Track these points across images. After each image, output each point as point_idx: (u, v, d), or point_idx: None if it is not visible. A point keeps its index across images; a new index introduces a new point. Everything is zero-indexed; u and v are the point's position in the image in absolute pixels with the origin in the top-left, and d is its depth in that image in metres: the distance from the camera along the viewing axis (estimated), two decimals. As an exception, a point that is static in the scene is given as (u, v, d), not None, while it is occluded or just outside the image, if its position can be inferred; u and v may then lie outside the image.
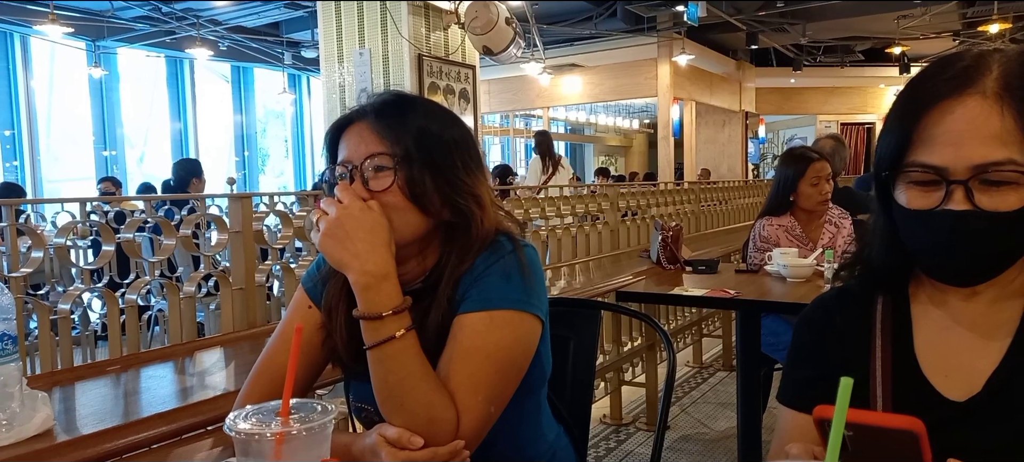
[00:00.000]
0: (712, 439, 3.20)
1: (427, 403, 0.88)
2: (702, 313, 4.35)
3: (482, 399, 0.91)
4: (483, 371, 0.92)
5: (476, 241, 0.98)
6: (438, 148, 0.98)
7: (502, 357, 0.93)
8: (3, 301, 1.03)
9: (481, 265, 0.97)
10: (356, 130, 0.99)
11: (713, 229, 5.25)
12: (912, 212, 0.79)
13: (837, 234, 2.78)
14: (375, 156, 0.95)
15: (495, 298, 0.94)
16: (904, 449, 0.63)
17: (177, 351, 1.78)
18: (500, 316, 0.94)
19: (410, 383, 0.88)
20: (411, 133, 0.96)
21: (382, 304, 0.89)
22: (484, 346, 0.92)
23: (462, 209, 0.98)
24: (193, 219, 2.09)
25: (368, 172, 0.95)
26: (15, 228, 1.74)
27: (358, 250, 0.89)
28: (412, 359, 0.89)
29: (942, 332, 0.84)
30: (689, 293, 2.45)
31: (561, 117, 14.27)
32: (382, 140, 0.96)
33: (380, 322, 0.89)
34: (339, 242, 0.89)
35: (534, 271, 0.99)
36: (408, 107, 1.00)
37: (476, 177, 1.01)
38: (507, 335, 0.94)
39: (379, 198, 0.94)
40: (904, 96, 0.82)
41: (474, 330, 0.93)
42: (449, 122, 1.03)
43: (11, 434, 1.07)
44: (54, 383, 1.44)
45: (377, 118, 0.97)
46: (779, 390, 0.94)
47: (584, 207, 3.65)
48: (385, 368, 0.90)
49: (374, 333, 0.90)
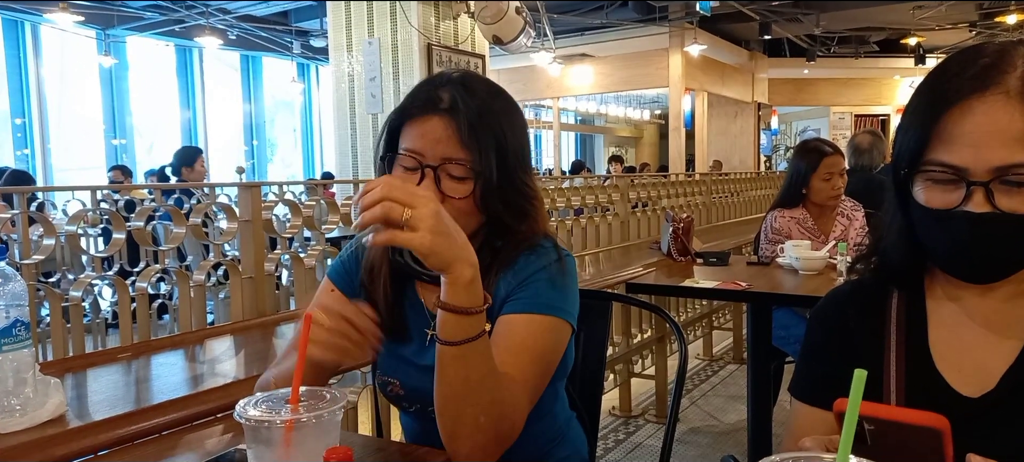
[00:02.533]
0: (722, 432, 3.19)
1: (501, 400, 0.88)
2: (712, 306, 4.33)
3: (527, 395, 0.93)
4: (531, 369, 0.94)
5: (525, 240, 1.01)
6: (512, 156, 0.98)
7: (545, 359, 0.97)
8: (16, 287, 1.04)
9: (523, 265, 1.00)
10: (433, 125, 0.95)
11: (724, 221, 5.22)
12: (930, 211, 0.77)
13: (849, 226, 2.75)
14: (455, 162, 0.94)
15: (544, 303, 0.97)
16: (925, 446, 0.62)
17: (187, 339, 1.79)
18: (549, 321, 0.97)
19: (491, 381, 0.87)
20: (492, 144, 0.95)
21: (479, 298, 0.85)
22: (534, 347, 0.95)
23: (521, 211, 1.00)
24: (202, 208, 2.09)
25: (443, 175, 0.95)
26: (27, 216, 1.75)
27: (463, 242, 0.84)
28: (491, 358, 0.88)
29: (956, 328, 0.83)
30: (700, 285, 2.44)
31: (571, 107, 14.23)
32: (463, 147, 0.94)
33: (475, 317, 0.84)
34: (447, 238, 0.81)
35: (573, 281, 1.03)
36: (488, 110, 0.97)
37: (532, 176, 1.03)
38: (552, 340, 0.98)
39: (451, 202, 0.94)
40: (924, 92, 0.80)
41: (527, 330, 0.96)
42: (519, 124, 1.02)
43: (24, 419, 1.08)
44: (66, 369, 1.45)
45: (458, 118, 0.95)
46: (792, 383, 0.93)
47: (594, 198, 3.64)
48: (468, 366, 0.85)
49: (467, 328, 0.84)
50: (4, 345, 1.03)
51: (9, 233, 2.38)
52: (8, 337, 1.03)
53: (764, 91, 12.51)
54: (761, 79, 12.33)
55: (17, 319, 1.04)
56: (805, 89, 13.13)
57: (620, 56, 10.29)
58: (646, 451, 2.99)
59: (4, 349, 1.03)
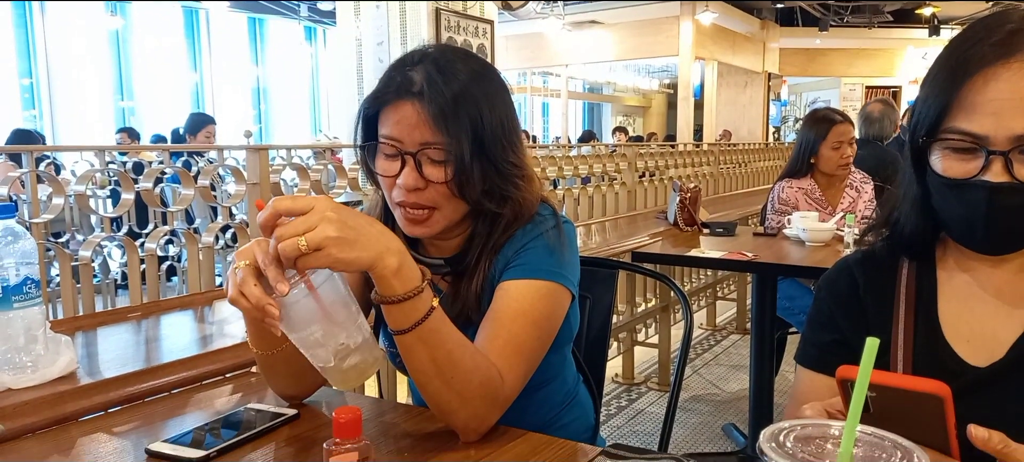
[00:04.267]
0: (723, 400, 3.22)
1: (475, 367, 0.87)
2: (717, 276, 4.33)
3: (523, 360, 0.93)
4: (527, 334, 0.93)
5: (516, 217, 1.00)
6: (489, 135, 0.95)
7: (543, 324, 0.96)
8: (26, 245, 1.04)
9: (521, 236, 1.00)
10: (408, 111, 0.93)
11: (731, 192, 5.20)
12: (948, 180, 0.77)
13: (858, 199, 2.73)
14: (433, 146, 0.93)
15: (541, 268, 0.97)
16: (927, 413, 0.62)
17: (196, 300, 1.80)
18: (544, 286, 0.96)
19: (458, 353, 0.85)
20: (467, 126, 0.93)
21: (415, 279, 0.81)
22: (529, 311, 0.94)
23: (504, 195, 0.98)
24: (211, 169, 2.09)
25: (424, 159, 0.94)
26: (35, 174, 1.76)
27: (374, 234, 0.78)
28: (449, 326, 0.85)
29: (967, 299, 0.83)
30: (706, 255, 2.44)
31: (579, 75, 14.09)
32: (437, 129, 0.92)
33: (417, 299, 0.81)
34: (351, 243, 0.75)
35: (571, 247, 1.02)
36: (463, 90, 0.93)
37: (519, 154, 1.00)
38: (548, 305, 0.97)
39: (435, 187, 0.94)
40: (945, 59, 0.78)
41: (521, 295, 0.95)
42: (500, 101, 0.98)
43: (36, 375, 1.09)
44: (76, 328, 1.47)
45: (432, 101, 0.92)
46: (798, 351, 0.93)
47: (602, 167, 3.62)
48: (430, 346, 0.83)
49: (411, 313, 0.81)
50: (15, 302, 1.04)
51: (18, 193, 2.39)
52: (19, 294, 1.04)
53: (775, 61, 12.35)
54: (772, 49, 12.16)
55: (27, 277, 1.05)
56: (817, 59, 12.95)
57: (630, 23, 10.16)
58: (648, 417, 3.02)
59: (15, 306, 1.04)
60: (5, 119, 7.56)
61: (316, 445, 0.89)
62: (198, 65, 9.83)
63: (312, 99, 11.69)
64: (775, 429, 0.57)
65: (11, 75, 7.97)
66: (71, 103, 8.53)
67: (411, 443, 0.90)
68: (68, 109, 8.51)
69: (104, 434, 0.99)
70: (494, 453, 0.87)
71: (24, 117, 8.07)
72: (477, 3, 5.52)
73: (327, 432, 0.72)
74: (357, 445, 0.71)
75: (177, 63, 9.65)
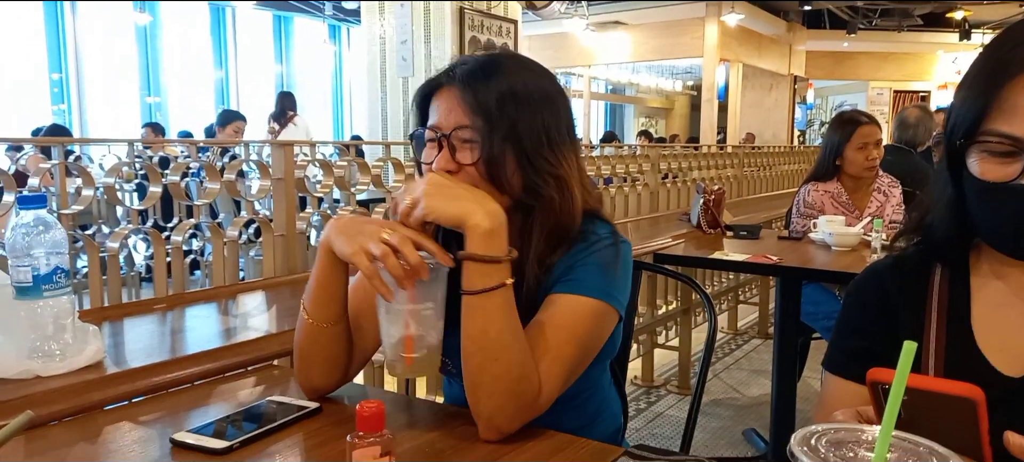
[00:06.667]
0: (744, 405, 3.18)
1: (520, 361, 0.88)
2: (739, 279, 4.29)
3: (562, 372, 0.92)
4: (569, 348, 0.93)
5: (564, 227, 0.97)
6: (522, 121, 0.94)
7: (586, 342, 0.96)
8: (56, 235, 1.06)
9: (577, 252, 0.97)
10: (446, 95, 0.96)
11: (755, 195, 5.15)
12: (985, 184, 0.75)
13: (886, 203, 2.69)
14: (461, 128, 0.94)
15: (593, 286, 0.95)
16: (960, 417, 0.61)
17: (220, 293, 1.82)
18: (593, 305, 0.95)
19: (509, 337, 0.87)
20: (500, 109, 0.93)
21: (502, 248, 0.88)
22: (574, 327, 0.94)
23: (538, 191, 0.96)
24: (237, 164, 2.11)
25: (456, 142, 0.94)
26: (64, 166, 1.78)
27: (474, 196, 0.89)
28: (513, 312, 0.89)
29: (1001, 306, 0.81)
30: (730, 258, 2.41)
31: (602, 76, 14.04)
32: (468, 111, 0.94)
33: (494, 267, 0.87)
34: (449, 196, 0.88)
35: (625, 268, 1.01)
36: (495, 73, 0.95)
37: (561, 153, 0.98)
38: (594, 324, 0.96)
39: (466, 170, 0.94)
40: (984, 61, 0.77)
41: (569, 309, 0.94)
42: (544, 98, 0.97)
43: (63, 364, 1.11)
44: (103, 318, 1.49)
45: (464, 85, 0.94)
46: (826, 357, 0.92)
47: (624, 167, 3.60)
48: (487, 318, 0.87)
49: (486, 277, 0.87)
50: (45, 291, 1.06)
51: (47, 185, 2.43)
52: (49, 283, 1.06)
53: (801, 64, 12.20)
54: (799, 51, 12.02)
55: (57, 266, 1.06)
56: (844, 63, 12.78)
57: (655, 24, 10.10)
58: (667, 421, 3.00)
59: (45, 295, 1.06)
60: (35, 113, 7.72)
61: (337, 439, 0.89)
62: (224, 62, 9.95)
63: (335, 97, 11.77)
64: (806, 432, 0.56)
65: (42, 70, 8.12)
66: (99, 98, 8.68)
67: (433, 439, 0.90)
68: (96, 104, 8.65)
69: (129, 422, 1.00)
70: (516, 450, 0.87)
71: (53, 111, 8.22)
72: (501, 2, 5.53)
73: (348, 426, 0.72)
74: (380, 439, 0.71)
75: (203, 60, 9.77)
